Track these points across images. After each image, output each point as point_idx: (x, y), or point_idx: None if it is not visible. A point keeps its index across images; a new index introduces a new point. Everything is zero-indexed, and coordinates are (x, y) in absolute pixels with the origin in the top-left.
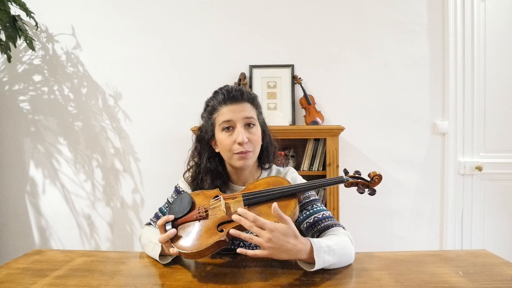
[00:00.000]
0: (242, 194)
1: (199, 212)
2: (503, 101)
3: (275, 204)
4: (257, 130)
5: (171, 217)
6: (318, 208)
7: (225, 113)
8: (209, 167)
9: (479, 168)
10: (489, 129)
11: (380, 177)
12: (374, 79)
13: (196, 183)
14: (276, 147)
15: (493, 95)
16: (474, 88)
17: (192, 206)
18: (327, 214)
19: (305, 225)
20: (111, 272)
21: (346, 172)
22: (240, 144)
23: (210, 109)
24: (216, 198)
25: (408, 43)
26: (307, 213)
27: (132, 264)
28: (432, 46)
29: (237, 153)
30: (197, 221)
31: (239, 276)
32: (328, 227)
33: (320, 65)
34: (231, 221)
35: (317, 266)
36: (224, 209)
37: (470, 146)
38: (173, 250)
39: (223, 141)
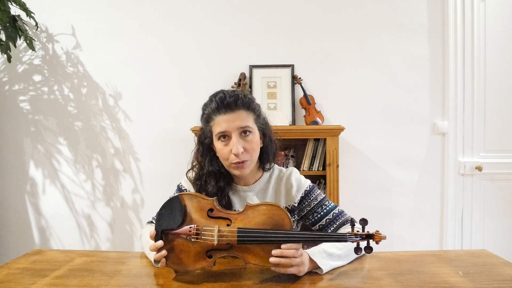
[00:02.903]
0: (238, 229)
1: (190, 232)
2: (503, 101)
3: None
4: (253, 137)
5: (153, 233)
6: (328, 208)
7: (220, 123)
8: (212, 170)
9: (479, 168)
10: (489, 129)
11: (382, 239)
12: (374, 79)
13: (200, 184)
14: (276, 147)
15: (493, 95)
16: (474, 88)
17: (184, 219)
18: (337, 212)
19: (317, 227)
20: (111, 272)
21: (352, 224)
22: (235, 155)
23: (206, 117)
24: (209, 213)
25: (408, 43)
26: (318, 215)
27: (132, 264)
28: (432, 46)
29: (233, 163)
30: (187, 239)
31: (239, 276)
32: (340, 226)
33: (320, 65)
34: (222, 249)
35: (325, 270)
36: (216, 241)
37: (470, 146)
38: (162, 264)
39: (220, 150)
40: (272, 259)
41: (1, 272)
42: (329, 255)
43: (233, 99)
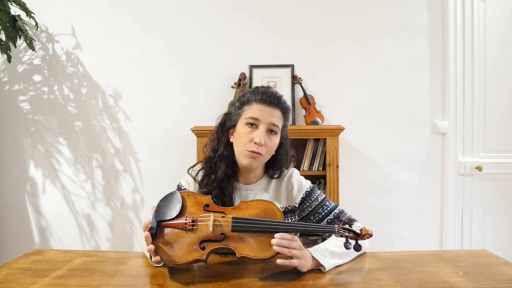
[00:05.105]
0: (232, 217)
1: (185, 223)
2: (503, 101)
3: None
4: (276, 139)
5: (148, 222)
6: (328, 209)
7: (255, 110)
8: (226, 154)
9: (479, 168)
10: (489, 129)
11: (369, 236)
12: (374, 79)
13: (210, 165)
14: (288, 160)
15: (493, 95)
16: (474, 88)
17: (180, 212)
18: (338, 212)
19: None
20: (111, 272)
21: (340, 219)
22: (255, 143)
23: (244, 100)
24: (205, 208)
25: (408, 43)
26: (320, 216)
27: (132, 264)
28: (432, 46)
29: (249, 151)
30: (182, 230)
31: (239, 276)
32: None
33: (320, 65)
34: (215, 240)
35: (328, 268)
36: (211, 228)
37: (470, 146)
38: (156, 259)
39: (242, 134)
40: (275, 248)
41: (1, 272)
42: (331, 253)
43: (277, 99)
